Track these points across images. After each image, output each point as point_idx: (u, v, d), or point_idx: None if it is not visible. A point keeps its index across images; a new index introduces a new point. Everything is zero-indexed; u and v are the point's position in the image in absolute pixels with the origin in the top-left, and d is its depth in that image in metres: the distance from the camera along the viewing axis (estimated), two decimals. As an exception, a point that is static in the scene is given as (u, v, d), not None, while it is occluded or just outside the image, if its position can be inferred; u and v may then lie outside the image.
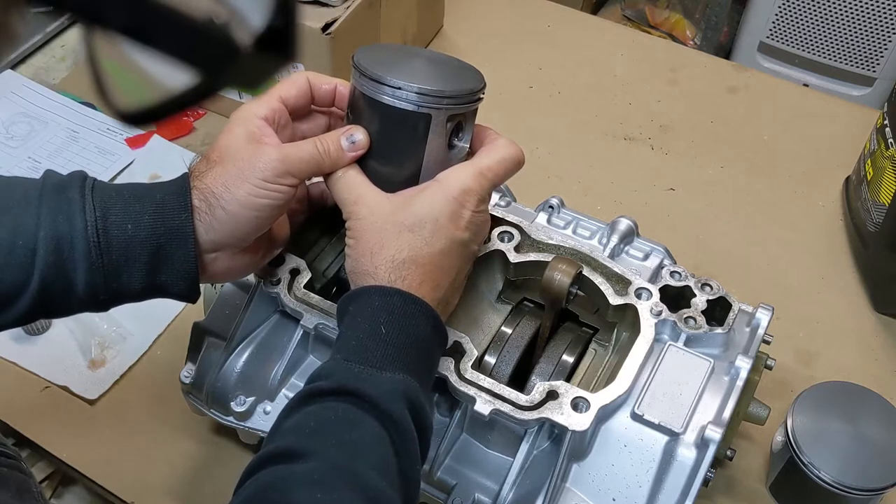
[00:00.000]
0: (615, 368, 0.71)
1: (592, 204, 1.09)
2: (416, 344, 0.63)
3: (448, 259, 0.66)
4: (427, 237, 0.65)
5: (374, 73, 0.64)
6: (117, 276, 0.63)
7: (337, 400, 0.59)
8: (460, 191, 0.65)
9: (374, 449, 0.57)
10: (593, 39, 1.35)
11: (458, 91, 0.65)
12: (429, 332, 0.64)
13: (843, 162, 1.14)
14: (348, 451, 0.56)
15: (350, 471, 0.55)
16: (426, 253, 0.64)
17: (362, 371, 0.60)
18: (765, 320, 0.75)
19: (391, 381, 0.60)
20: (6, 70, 1.25)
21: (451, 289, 0.68)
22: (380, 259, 0.64)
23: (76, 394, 0.92)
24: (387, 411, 0.58)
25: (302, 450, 0.56)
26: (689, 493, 0.66)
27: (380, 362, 0.61)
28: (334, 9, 1.04)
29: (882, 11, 1.70)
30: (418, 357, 0.63)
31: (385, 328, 0.62)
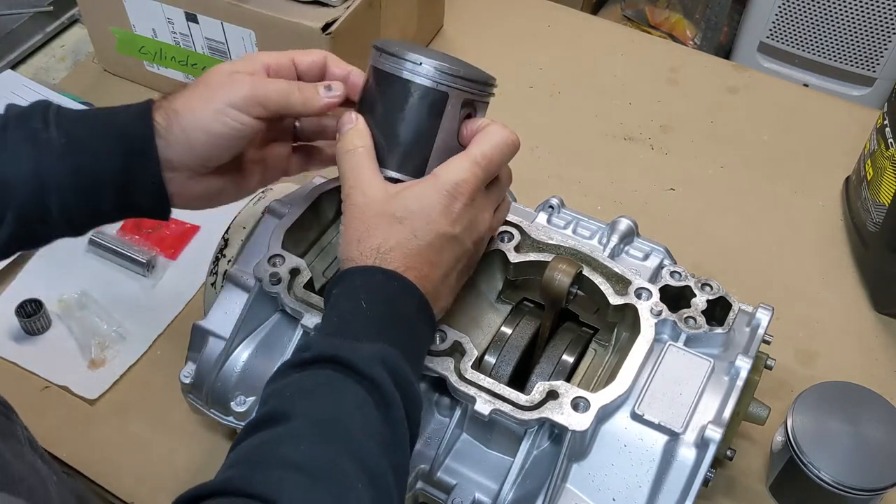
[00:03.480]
0: (615, 368, 0.71)
1: (592, 204, 1.09)
2: (398, 319, 0.62)
3: (437, 253, 0.65)
4: (416, 229, 0.64)
5: (397, 49, 0.66)
6: (90, 200, 0.66)
7: (317, 368, 0.58)
8: (453, 183, 0.65)
9: (356, 409, 0.57)
10: (593, 39, 1.35)
11: (475, 76, 0.67)
12: (413, 310, 0.63)
13: (843, 162, 1.14)
14: (330, 410, 0.56)
15: (333, 426, 0.55)
16: (414, 245, 0.64)
17: (342, 342, 0.60)
18: (765, 320, 0.75)
19: (369, 349, 0.59)
20: (6, 70, 1.25)
21: (443, 285, 0.67)
22: (365, 246, 0.64)
23: (76, 394, 0.92)
24: (367, 375, 0.57)
25: (283, 412, 0.56)
26: (689, 493, 0.66)
27: (359, 334, 0.60)
28: (334, 9, 1.04)
29: (882, 11, 1.70)
30: (400, 331, 0.63)
31: (365, 303, 0.62)
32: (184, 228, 1.06)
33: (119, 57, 1.21)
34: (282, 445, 0.54)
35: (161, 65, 1.19)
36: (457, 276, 0.69)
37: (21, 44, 1.29)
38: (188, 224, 1.06)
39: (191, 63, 1.16)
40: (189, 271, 1.02)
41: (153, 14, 1.12)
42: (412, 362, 0.62)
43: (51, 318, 0.97)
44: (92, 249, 1.03)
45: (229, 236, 0.83)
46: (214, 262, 0.83)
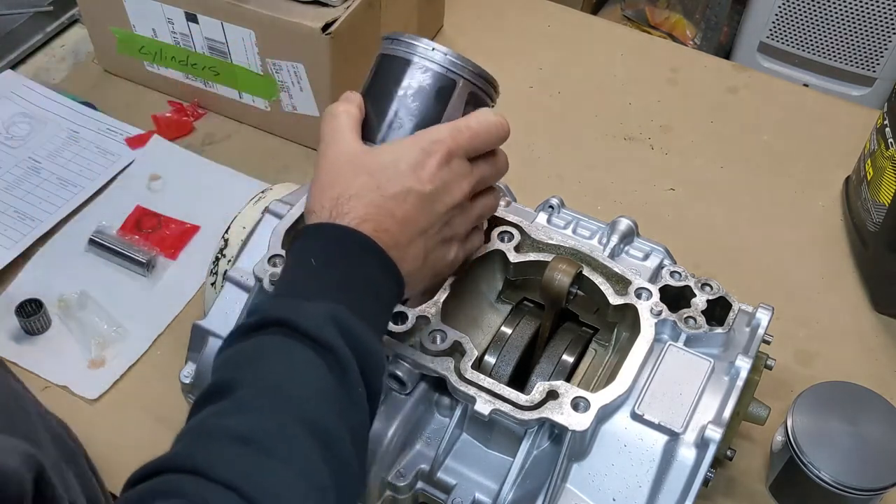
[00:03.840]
0: (615, 368, 0.71)
1: (592, 204, 1.09)
2: (351, 275, 0.60)
3: (401, 207, 0.62)
4: (382, 180, 0.61)
5: (409, 36, 0.67)
6: None
7: (264, 333, 0.56)
8: (430, 140, 0.63)
9: (306, 373, 0.54)
10: (593, 39, 1.35)
11: (484, 73, 0.68)
12: (370, 265, 0.60)
13: (843, 162, 1.14)
14: (277, 377, 0.54)
15: (281, 393, 0.53)
16: (376, 196, 0.61)
17: (289, 303, 0.57)
18: (765, 320, 0.75)
19: (318, 308, 0.56)
20: (6, 70, 1.25)
21: (410, 247, 0.63)
22: (326, 196, 0.62)
23: (76, 394, 0.92)
24: (316, 336, 0.55)
25: (228, 383, 0.54)
26: (689, 493, 0.66)
27: (308, 293, 0.58)
28: (334, 9, 1.04)
29: (882, 11, 1.70)
30: (353, 288, 0.60)
31: (316, 261, 0.59)
32: (184, 228, 1.06)
33: (119, 57, 1.21)
34: (226, 418, 0.52)
35: (161, 65, 1.19)
36: (427, 243, 0.64)
37: (21, 44, 1.29)
38: (188, 224, 1.06)
39: (191, 63, 1.16)
40: (189, 271, 1.02)
41: (153, 14, 1.12)
42: (369, 319, 0.59)
43: (51, 318, 0.97)
44: (92, 249, 1.03)
45: (229, 236, 0.83)
46: (214, 262, 0.83)
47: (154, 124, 1.18)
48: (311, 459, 0.51)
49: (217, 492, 0.48)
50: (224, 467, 0.49)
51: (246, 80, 1.13)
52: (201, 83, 1.18)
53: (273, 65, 1.09)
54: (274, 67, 1.09)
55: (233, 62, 1.12)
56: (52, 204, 1.08)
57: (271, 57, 1.08)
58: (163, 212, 1.07)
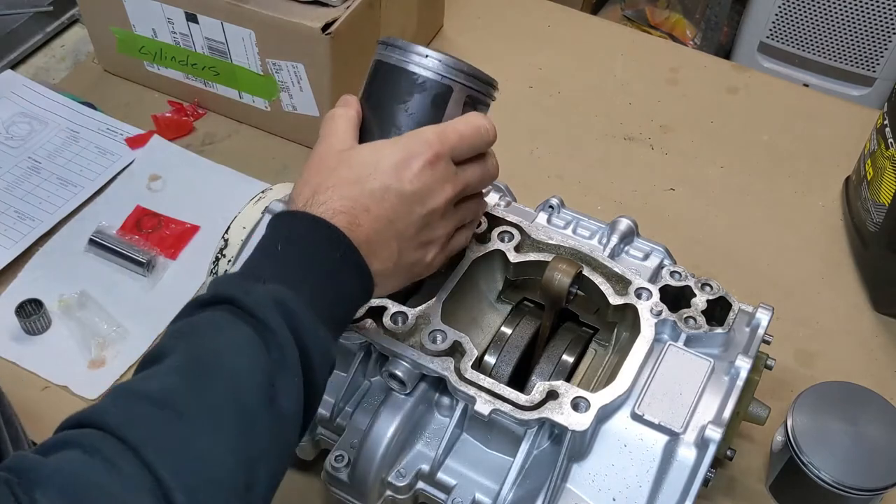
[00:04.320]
0: (615, 368, 0.71)
1: (592, 204, 1.09)
2: (313, 265, 0.59)
3: (379, 205, 0.61)
4: (362, 176, 0.61)
5: (403, 43, 0.66)
6: None
7: (212, 309, 0.56)
8: (416, 141, 0.62)
9: (239, 348, 0.54)
10: (593, 39, 1.35)
11: (480, 75, 0.68)
12: (335, 256, 0.59)
13: (843, 162, 1.14)
14: (210, 349, 0.54)
15: (208, 363, 0.53)
16: (354, 190, 0.60)
17: (241, 282, 0.57)
18: (765, 320, 0.75)
19: (266, 290, 0.56)
20: (6, 70, 1.25)
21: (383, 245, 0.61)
22: (306, 187, 0.62)
23: (76, 394, 0.92)
24: (258, 315, 0.54)
25: (163, 351, 0.54)
26: (689, 493, 0.66)
27: (264, 276, 0.58)
28: (334, 9, 1.04)
29: (882, 11, 1.70)
30: (313, 279, 0.59)
31: (281, 246, 0.59)
32: (184, 228, 1.06)
33: (119, 57, 1.21)
34: (149, 381, 0.52)
35: (161, 65, 1.19)
36: (402, 244, 0.63)
37: (21, 44, 1.29)
38: (188, 224, 1.06)
39: (191, 63, 1.16)
40: (189, 271, 1.02)
41: (153, 14, 1.12)
42: (324, 310, 0.58)
43: (51, 318, 0.97)
44: (92, 249, 1.03)
45: (229, 236, 0.83)
46: (214, 262, 0.83)
47: (154, 124, 1.18)
48: (225, 431, 0.51)
49: (116, 448, 0.48)
50: (131, 427, 0.49)
51: (246, 80, 1.13)
52: (201, 83, 1.18)
53: (273, 65, 1.09)
54: (274, 67, 1.09)
55: (233, 62, 1.12)
56: (52, 204, 1.08)
57: (271, 57, 1.08)
58: (163, 212, 1.07)
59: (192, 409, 0.51)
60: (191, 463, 0.49)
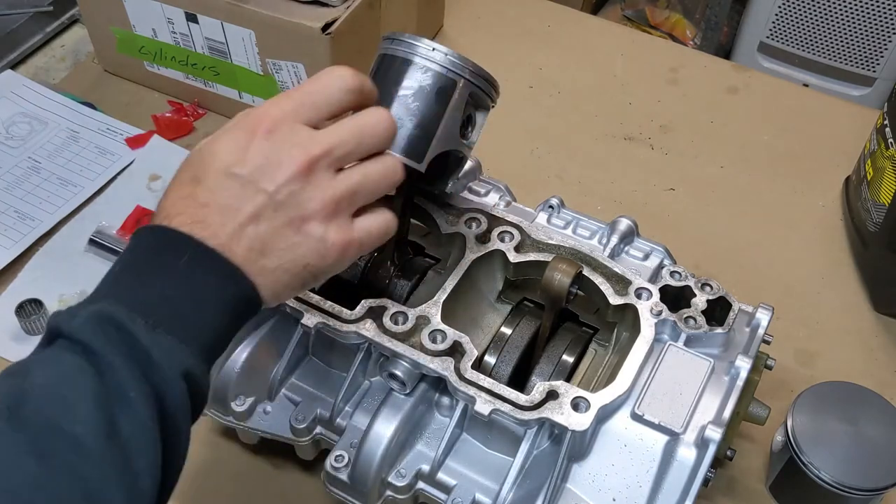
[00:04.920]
0: (615, 368, 0.71)
1: (592, 204, 1.09)
2: (150, 271, 0.54)
3: (217, 195, 0.55)
4: (198, 171, 0.56)
5: (409, 36, 0.67)
6: None
7: (48, 347, 0.52)
8: (255, 113, 0.56)
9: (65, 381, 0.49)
10: (593, 39, 1.35)
11: (484, 73, 0.68)
12: (181, 261, 0.54)
13: (843, 162, 1.14)
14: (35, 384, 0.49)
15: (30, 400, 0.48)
16: (190, 188, 0.56)
17: (70, 310, 0.52)
18: (765, 320, 0.75)
19: (88, 310, 0.51)
20: (6, 70, 1.25)
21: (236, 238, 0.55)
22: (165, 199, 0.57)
23: (76, 394, 0.92)
24: (84, 341, 0.50)
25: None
26: (689, 493, 0.66)
27: (95, 299, 0.53)
28: (334, 9, 1.04)
29: (882, 11, 1.70)
30: (148, 283, 0.53)
31: (120, 264, 0.55)
32: (184, 228, 1.06)
33: (119, 57, 1.21)
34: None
35: (161, 65, 1.19)
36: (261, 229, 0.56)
37: (21, 44, 1.29)
38: (188, 224, 1.06)
39: (191, 63, 1.16)
40: (189, 271, 1.02)
41: (153, 14, 1.12)
42: (174, 320, 0.53)
43: (51, 318, 0.97)
44: (92, 249, 1.03)
45: (229, 236, 0.83)
46: (214, 262, 0.83)
47: (154, 124, 1.18)
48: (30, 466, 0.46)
49: None
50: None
51: (246, 80, 1.13)
52: (201, 83, 1.18)
53: (273, 65, 1.09)
54: (274, 67, 1.09)
55: (233, 62, 1.12)
56: (52, 204, 1.08)
57: (271, 57, 1.08)
58: (163, 212, 1.07)
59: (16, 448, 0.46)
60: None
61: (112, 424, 0.48)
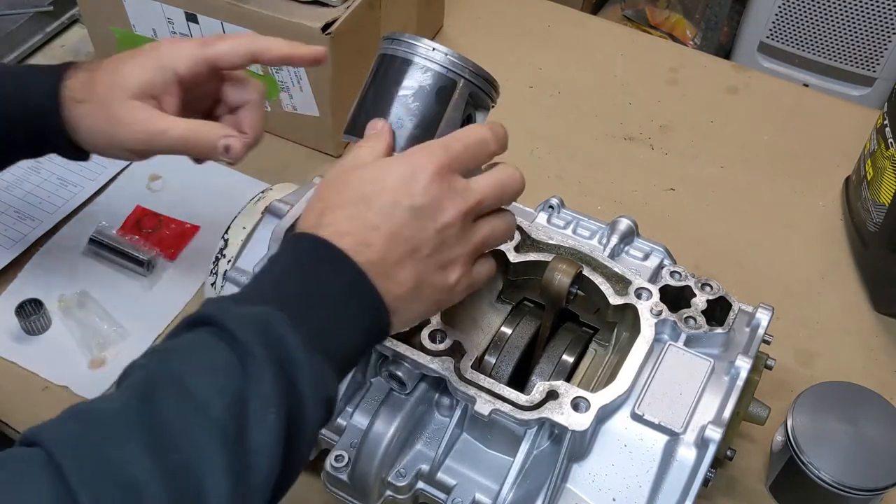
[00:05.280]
0: (615, 368, 0.71)
1: (592, 204, 1.09)
2: (311, 286, 0.56)
3: (388, 221, 0.58)
4: (368, 192, 0.59)
5: (409, 36, 0.67)
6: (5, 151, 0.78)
7: (196, 329, 0.53)
8: (421, 153, 0.60)
9: (210, 372, 0.50)
10: (593, 39, 1.35)
11: (484, 73, 0.68)
12: (337, 280, 0.56)
13: (843, 162, 1.14)
14: (177, 368, 0.50)
15: (170, 383, 0.49)
16: (361, 207, 0.58)
17: (225, 304, 0.54)
18: (765, 320, 0.75)
19: (249, 310, 0.53)
20: (6, 70, 1.25)
21: (397, 266, 0.58)
22: (314, 210, 0.60)
23: (76, 394, 0.92)
24: (239, 338, 0.51)
25: (130, 370, 0.51)
26: (689, 493, 0.66)
27: (256, 298, 0.55)
28: (334, 9, 1.04)
29: (882, 11, 1.70)
30: (308, 300, 0.56)
31: (282, 268, 0.57)
32: (184, 228, 1.06)
33: (119, 57, 1.21)
34: (104, 401, 0.49)
35: (161, 65, 1.19)
36: (419, 265, 0.59)
37: (21, 44, 1.29)
38: (188, 224, 1.06)
39: (191, 63, 1.16)
40: (189, 271, 1.02)
41: (153, 14, 1.12)
42: (321, 338, 0.55)
43: (51, 318, 0.97)
44: (92, 249, 1.03)
45: (229, 236, 0.83)
46: (214, 262, 0.83)
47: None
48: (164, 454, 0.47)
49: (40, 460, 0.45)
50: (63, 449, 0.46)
51: (246, 80, 1.13)
52: (201, 83, 1.18)
53: (273, 65, 1.09)
54: (274, 67, 1.09)
55: (233, 62, 1.12)
56: (52, 204, 1.08)
57: (271, 57, 1.08)
58: (163, 212, 1.07)
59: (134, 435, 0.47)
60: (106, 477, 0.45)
61: (242, 435, 0.49)
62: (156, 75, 0.73)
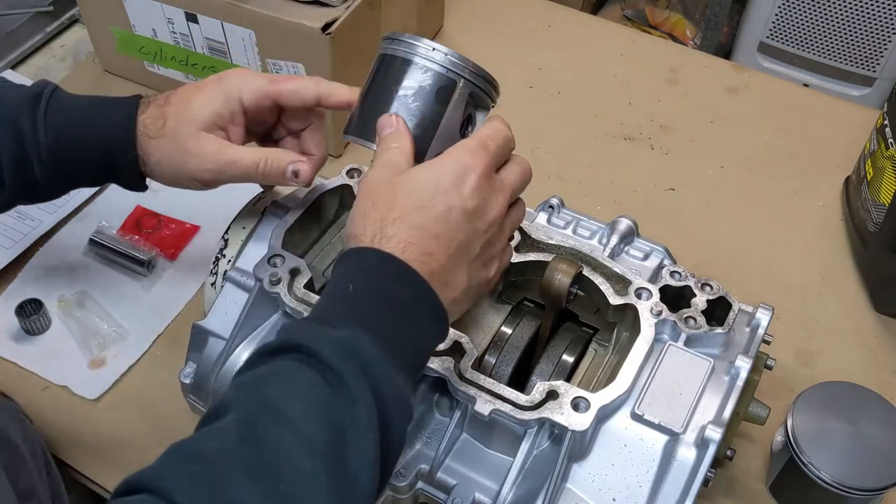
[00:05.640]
0: (615, 368, 0.71)
1: (592, 204, 1.09)
2: (386, 304, 0.58)
3: (446, 228, 0.60)
4: (424, 199, 0.60)
5: (409, 36, 0.67)
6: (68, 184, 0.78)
7: (280, 357, 0.54)
8: (465, 154, 0.62)
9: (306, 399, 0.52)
10: (593, 39, 1.35)
11: (484, 73, 0.68)
12: (407, 296, 0.58)
13: (843, 162, 1.14)
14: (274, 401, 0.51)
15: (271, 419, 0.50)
16: (420, 217, 0.59)
17: (311, 328, 0.56)
18: (765, 320, 0.75)
19: (338, 335, 0.54)
20: (6, 70, 1.25)
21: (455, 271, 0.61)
22: (370, 219, 0.60)
23: (76, 394, 0.92)
24: (327, 362, 0.52)
25: (225, 405, 0.51)
26: (689, 493, 0.66)
27: (336, 320, 0.56)
28: (334, 9, 1.04)
29: (882, 11, 1.70)
30: (384, 317, 0.57)
31: (353, 286, 0.58)
32: (184, 228, 1.06)
33: (119, 57, 1.21)
34: (205, 439, 0.50)
35: (161, 65, 1.19)
36: (471, 266, 0.62)
37: (21, 44, 1.29)
38: (188, 224, 1.06)
39: (191, 63, 1.16)
40: (189, 271, 1.02)
41: (153, 14, 1.12)
42: (397, 355, 0.56)
43: (51, 318, 0.97)
44: (92, 249, 1.03)
45: (229, 236, 0.83)
46: (214, 262, 0.83)
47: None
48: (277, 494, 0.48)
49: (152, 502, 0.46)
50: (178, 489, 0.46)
51: (246, 80, 1.13)
52: (201, 83, 1.18)
53: (273, 65, 1.09)
54: (274, 67, 1.09)
55: (233, 62, 1.12)
56: (53, 204, 1.08)
57: (271, 57, 1.08)
58: (163, 212, 1.07)
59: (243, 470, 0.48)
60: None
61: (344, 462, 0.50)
62: (223, 107, 0.73)
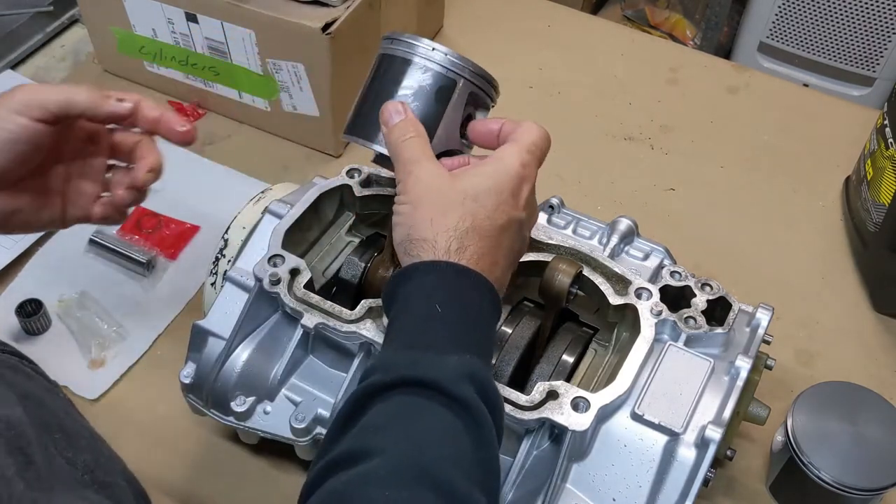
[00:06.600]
0: (615, 368, 0.71)
1: (592, 204, 1.09)
2: (476, 322, 0.59)
3: (507, 237, 0.62)
4: (490, 209, 0.61)
5: (409, 36, 0.67)
6: None
7: (400, 393, 0.54)
8: (521, 165, 0.63)
9: (445, 439, 0.53)
10: (593, 39, 1.35)
11: (484, 73, 0.68)
12: (487, 309, 0.60)
13: (843, 162, 1.14)
14: (416, 444, 0.52)
15: (419, 464, 0.51)
16: (488, 226, 0.61)
17: (423, 357, 0.56)
18: (765, 320, 0.75)
19: (456, 365, 0.55)
20: (6, 70, 1.25)
21: (504, 276, 0.63)
22: (441, 226, 0.60)
23: (76, 394, 0.92)
24: (457, 397, 0.53)
25: (365, 449, 0.52)
26: (689, 493, 0.66)
27: (440, 345, 0.57)
28: (334, 9, 1.04)
29: (882, 11, 1.70)
30: (479, 336, 0.59)
31: (441, 307, 0.58)
32: (184, 228, 1.06)
33: (119, 57, 1.21)
34: (366, 487, 0.50)
35: (161, 65, 1.19)
36: (513, 266, 0.66)
37: (21, 44, 1.29)
38: (188, 224, 1.06)
39: (191, 63, 1.16)
40: (189, 271, 1.02)
41: (153, 14, 1.12)
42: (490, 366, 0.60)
43: (51, 318, 0.97)
44: (92, 249, 1.03)
45: (229, 236, 0.83)
46: (214, 262, 0.83)
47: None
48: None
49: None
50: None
51: (246, 80, 1.13)
52: (201, 83, 1.18)
53: (273, 65, 1.09)
54: (274, 67, 1.09)
55: (233, 62, 1.12)
56: (52, 204, 1.08)
57: (271, 57, 1.08)
58: (163, 212, 1.07)
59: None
60: None
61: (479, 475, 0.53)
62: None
